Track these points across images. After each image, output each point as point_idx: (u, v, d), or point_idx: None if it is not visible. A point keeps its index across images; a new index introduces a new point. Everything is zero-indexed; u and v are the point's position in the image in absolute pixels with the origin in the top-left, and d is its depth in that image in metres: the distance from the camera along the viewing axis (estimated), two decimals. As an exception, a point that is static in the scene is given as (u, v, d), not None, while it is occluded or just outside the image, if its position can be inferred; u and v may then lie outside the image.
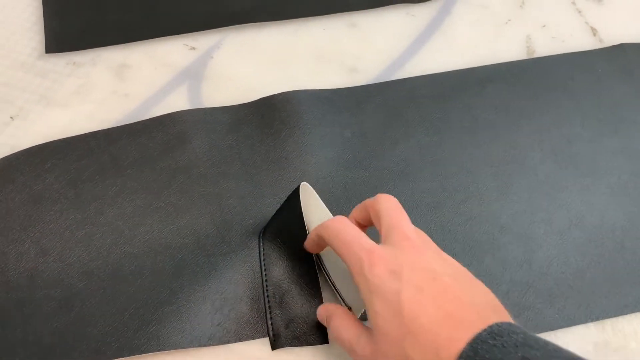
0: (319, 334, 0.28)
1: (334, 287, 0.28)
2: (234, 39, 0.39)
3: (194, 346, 0.27)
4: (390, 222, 0.26)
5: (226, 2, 0.40)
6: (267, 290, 0.28)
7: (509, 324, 0.23)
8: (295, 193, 0.29)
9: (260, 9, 0.40)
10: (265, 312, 0.28)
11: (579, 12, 0.43)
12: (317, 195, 0.29)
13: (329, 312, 0.27)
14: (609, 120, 0.37)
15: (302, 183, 0.29)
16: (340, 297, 0.28)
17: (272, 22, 0.40)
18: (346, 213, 0.29)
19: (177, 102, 0.36)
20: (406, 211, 0.27)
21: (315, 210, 0.29)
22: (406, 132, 0.35)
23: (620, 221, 0.33)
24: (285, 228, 0.29)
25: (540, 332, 0.29)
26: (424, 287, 0.23)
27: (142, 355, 0.27)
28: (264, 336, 0.28)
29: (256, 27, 0.40)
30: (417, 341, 0.23)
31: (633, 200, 0.33)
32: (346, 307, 0.28)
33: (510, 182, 0.34)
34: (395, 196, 0.27)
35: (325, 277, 0.29)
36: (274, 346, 0.27)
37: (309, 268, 0.29)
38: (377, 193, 0.28)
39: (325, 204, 0.30)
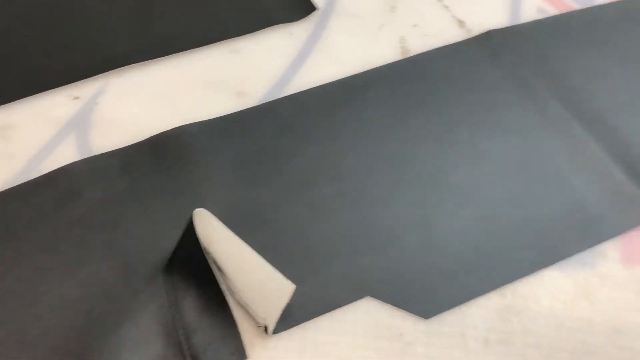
0: (238, 354, 0.28)
1: (244, 304, 0.29)
2: (118, 83, 0.39)
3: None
4: None
5: (105, 48, 0.40)
6: (178, 322, 0.29)
7: None
8: (190, 222, 0.29)
9: (140, 49, 0.40)
10: (181, 345, 0.28)
11: (446, 7, 0.46)
12: (216, 219, 0.30)
13: None
14: (484, 103, 0.39)
15: (195, 210, 0.29)
16: (252, 312, 0.29)
17: (154, 60, 0.40)
18: (252, 232, 0.30)
19: (66, 154, 0.35)
20: (310, 220, 0.27)
21: (215, 233, 0.30)
22: (300, 144, 0.37)
23: (505, 194, 0.35)
24: (187, 258, 0.30)
25: (448, 309, 0.31)
26: None
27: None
28: (180, 368, 0.28)
29: (138, 67, 0.40)
30: None
31: (513, 175, 0.36)
32: (262, 321, 0.28)
33: (402, 175, 0.35)
34: (296, 206, 0.28)
35: (234, 297, 0.29)
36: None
37: (217, 292, 0.29)
38: (279, 207, 0.29)
39: (231, 226, 0.30)
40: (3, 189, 0.34)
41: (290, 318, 0.30)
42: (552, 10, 0.46)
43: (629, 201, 0.35)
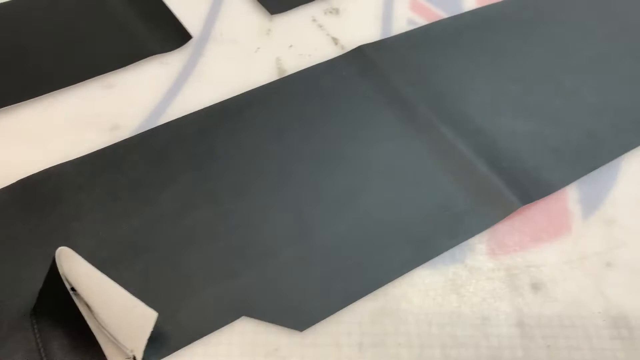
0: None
1: (112, 337, 0.29)
2: (-14, 127, 0.39)
3: None
4: None
5: None
6: (44, 356, 0.28)
7: None
8: (53, 261, 0.29)
9: (6, 91, 0.40)
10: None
11: (320, 27, 0.48)
12: (78, 256, 0.30)
13: None
14: (356, 115, 0.41)
15: (59, 249, 0.29)
16: (120, 345, 0.29)
17: (24, 102, 0.40)
18: (125, 264, 0.30)
19: None
20: (185, 246, 0.27)
21: (80, 269, 0.29)
22: (175, 172, 0.37)
23: (377, 199, 0.36)
24: (53, 298, 0.29)
25: (322, 319, 0.31)
26: None
27: None
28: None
29: (6, 110, 0.40)
30: None
31: (384, 180, 0.37)
32: (130, 353, 0.28)
33: (279, 191, 0.36)
34: (170, 234, 0.28)
35: (103, 332, 0.29)
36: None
37: (84, 329, 0.29)
38: (153, 236, 0.29)
39: (103, 262, 0.30)
40: None
41: (164, 347, 0.30)
42: (421, 21, 0.49)
43: (494, 197, 0.37)
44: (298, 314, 0.31)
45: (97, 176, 0.36)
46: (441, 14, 0.50)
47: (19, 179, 0.36)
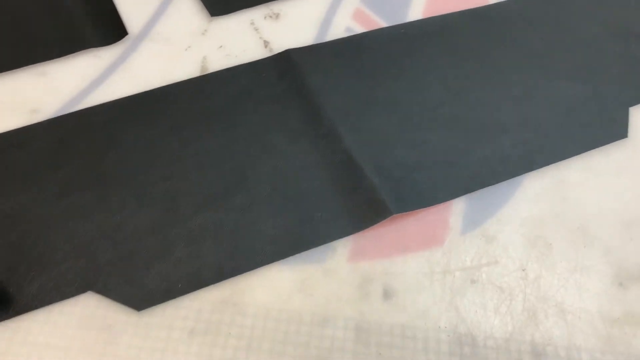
0: None
1: None
2: None
3: None
4: None
5: None
6: None
7: None
8: None
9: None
10: None
11: (256, 30, 0.49)
12: None
13: None
14: (263, 116, 0.42)
15: None
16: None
17: (-39, 84, 0.44)
18: (3, 229, 0.33)
19: None
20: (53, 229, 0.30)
21: None
22: (71, 157, 0.39)
23: (253, 196, 0.37)
24: None
25: (161, 302, 0.33)
26: None
27: None
28: None
29: (-55, 90, 0.44)
30: None
31: (269, 177, 0.38)
32: None
33: (165, 181, 0.38)
34: (48, 216, 0.31)
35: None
36: None
37: None
38: (28, 215, 0.31)
39: None
40: None
41: (10, 310, 0.32)
42: (359, 30, 0.49)
43: (369, 202, 0.37)
44: (141, 294, 0.33)
45: (1, 154, 0.39)
46: (381, 23, 0.50)
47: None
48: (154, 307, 0.33)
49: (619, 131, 0.42)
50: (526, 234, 0.36)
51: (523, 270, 0.35)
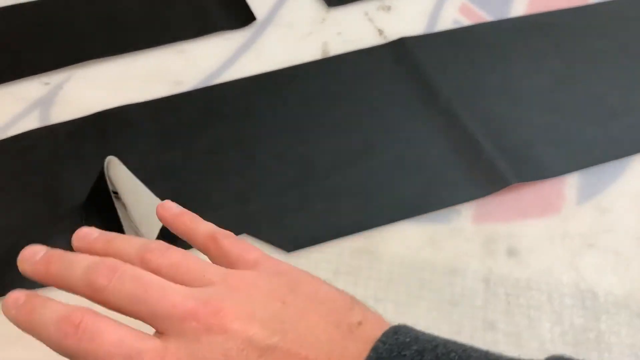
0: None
1: (135, 228, 0.36)
2: (82, 73, 0.48)
3: None
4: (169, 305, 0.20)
5: (73, 45, 0.50)
6: None
7: (394, 329, 0.20)
8: (103, 167, 0.37)
9: (102, 47, 0.50)
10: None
11: (370, 20, 0.53)
12: (122, 164, 0.37)
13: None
14: (385, 94, 0.46)
15: (108, 157, 0.37)
16: (140, 233, 0.36)
17: (113, 56, 0.50)
18: (160, 181, 0.37)
19: (30, 124, 0.44)
20: (206, 179, 0.35)
21: (120, 173, 0.37)
22: (216, 121, 0.44)
23: (385, 159, 0.41)
24: (98, 196, 0.37)
25: (307, 247, 0.36)
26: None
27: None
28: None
29: (100, 61, 0.49)
30: None
31: (394, 144, 0.42)
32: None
33: (301, 145, 0.42)
34: (200, 168, 0.37)
35: (130, 224, 0.37)
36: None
37: (115, 218, 0.36)
38: (186, 166, 0.36)
39: (143, 176, 0.38)
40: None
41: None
42: (466, 23, 0.53)
43: (490, 171, 0.40)
44: (289, 238, 0.37)
45: (155, 116, 0.44)
46: (486, 17, 0.53)
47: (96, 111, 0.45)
48: (300, 250, 0.37)
49: None
50: (638, 207, 0.39)
51: (637, 238, 0.37)
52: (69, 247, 0.36)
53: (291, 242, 0.37)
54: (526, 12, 0.53)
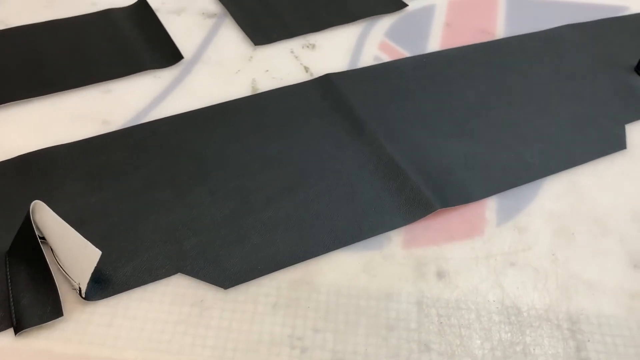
0: (55, 312, 0.34)
1: (66, 273, 0.35)
2: (5, 114, 0.47)
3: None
4: None
5: None
6: (12, 292, 0.34)
7: None
8: (28, 212, 0.36)
9: (23, 88, 0.48)
10: (10, 309, 0.34)
11: (296, 57, 0.55)
12: (49, 209, 0.36)
13: None
14: (313, 128, 0.47)
15: (34, 202, 0.36)
16: (70, 279, 0.35)
17: (36, 98, 0.48)
18: (91, 224, 0.36)
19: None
20: (140, 216, 0.34)
21: (47, 218, 0.36)
22: (146, 159, 0.44)
23: (317, 192, 0.42)
24: (23, 241, 0.36)
25: (245, 282, 0.37)
26: None
27: None
28: (8, 327, 0.33)
29: (20, 103, 0.48)
30: None
31: (324, 178, 0.43)
32: (76, 285, 0.34)
33: (233, 180, 0.43)
34: (131, 205, 0.36)
35: (58, 266, 0.35)
36: (17, 330, 0.33)
37: (44, 266, 0.35)
38: (119, 205, 0.35)
39: (72, 221, 0.36)
40: None
41: (109, 289, 0.36)
42: (386, 59, 0.56)
43: (416, 199, 0.42)
44: (226, 275, 0.37)
45: (83, 157, 0.43)
46: (405, 53, 0.57)
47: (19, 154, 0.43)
48: (238, 286, 0.37)
49: (618, 143, 0.49)
50: (552, 225, 0.42)
51: (553, 254, 0.40)
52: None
53: (228, 278, 0.37)
54: (440, 48, 0.57)
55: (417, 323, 0.36)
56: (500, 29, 0.60)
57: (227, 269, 0.37)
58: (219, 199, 0.41)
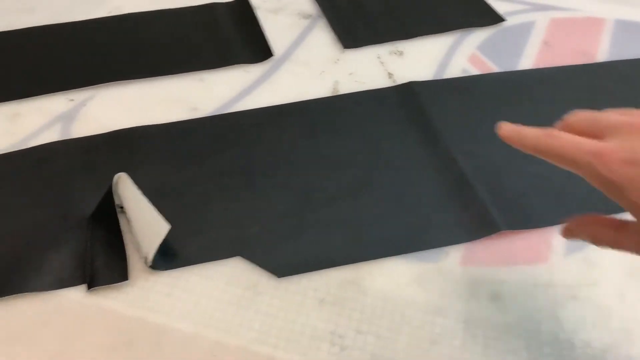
0: (121, 276, 0.37)
1: (136, 242, 0.38)
2: (105, 93, 0.52)
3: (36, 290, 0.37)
4: (608, 120, 0.28)
5: (100, 66, 0.53)
6: (88, 252, 0.38)
7: None
8: (112, 182, 0.39)
9: (127, 70, 0.53)
10: (85, 265, 0.37)
11: (382, 63, 0.56)
12: (131, 181, 0.39)
13: (574, 225, 0.31)
14: (386, 133, 0.48)
15: (118, 174, 0.40)
16: (140, 248, 0.38)
17: (137, 80, 0.53)
18: (167, 199, 0.40)
19: (51, 137, 0.47)
20: (214, 198, 0.37)
21: (127, 189, 0.39)
22: (226, 147, 0.46)
23: (382, 197, 0.43)
24: (105, 208, 0.40)
25: (298, 274, 0.38)
26: None
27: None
28: (81, 283, 0.37)
29: (123, 83, 0.53)
30: None
31: (391, 182, 0.44)
32: (144, 254, 0.37)
33: (301, 175, 0.44)
34: (206, 187, 0.39)
35: (131, 235, 0.39)
36: (89, 287, 0.37)
37: (117, 233, 0.39)
38: (195, 186, 0.39)
39: (151, 193, 0.40)
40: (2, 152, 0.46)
41: (173, 261, 0.38)
42: (474, 72, 0.55)
43: (481, 217, 0.41)
44: (280, 264, 0.39)
45: (169, 139, 0.47)
46: (494, 68, 0.55)
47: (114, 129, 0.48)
48: (290, 277, 0.38)
49: None
50: (625, 265, 0.40)
51: (621, 294, 0.38)
52: (73, 255, 0.38)
53: (282, 267, 0.38)
54: (534, 66, 0.55)
55: (461, 341, 0.35)
56: (602, 53, 0.57)
57: (282, 259, 0.39)
58: (284, 193, 0.43)
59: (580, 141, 0.27)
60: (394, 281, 0.38)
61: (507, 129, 0.32)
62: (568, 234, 0.32)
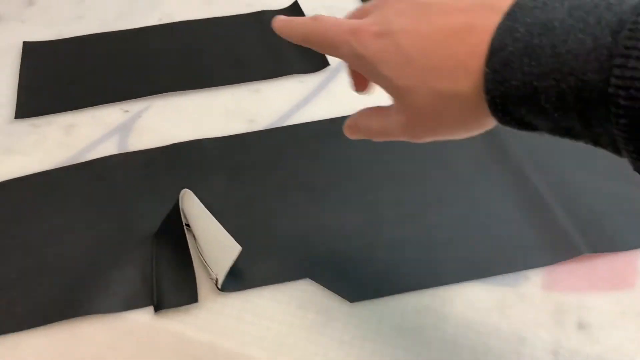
0: (191, 298, 0.35)
1: (205, 263, 0.37)
2: (160, 103, 0.50)
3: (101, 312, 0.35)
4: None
5: (154, 76, 0.52)
6: (154, 271, 0.37)
7: None
8: (177, 199, 0.38)
9: (181, 80, 0.52)
10: (152, 287, 0.36)
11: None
12: (196, 198, 0.38)
13: (352, 120, 0.31)
14: (456, 150, 0.46)
15: (183, 190, 0.38)
16: (209, 269, 0.36)
17: (192, 90, 0.51)
18: (234, 217, 0.38)
19: (108, 149, 0.46)
20: (278, 216, 0.37)
21: (194, 207, 0.38)
22: (287, 160, 0.45)
23: (454, 217, 0.41)
24: (170, 226, 0.38)
25: (371, 299, 0.36)
26: (417, 24, 0.23)
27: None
28: (148, 305, 0.36)
29: (178, 94, 0.51)
30: (439, 72, 0.23)
31: (465, 201, 0.42)
32: (214, 276, 0.36)
33: (366, 194, 0.42)
34: (269, 204, 0.39)
35: (200, 257, 0.37)
36: (157, 309, 0.35)
37: (185, 252, 0.37)
38: (258, 203, 0.37)
39: (214, 211, 0.38)
40: (58, 167, 0.45)
41: (242, 283, 0.37)
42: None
43: (561, 239, 0.39)
44: (352, 287, 0.37)
45: (229, 152, 0.45)
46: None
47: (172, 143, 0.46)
48: (364, 301, 0.36)
49: None
50: None
51: None
52: (138, 274, 0.37)
53: (354, 291, 0.37)
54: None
55: (550, 374, 0.33)
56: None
57: (354, 282, 0.37)
58: (351, 210, 0.41)
59: (341, 22, 0.26)
60: (474, 307, 0.36)
61: (280, 20, 0.30)
62: (350, 131, 0.32)
